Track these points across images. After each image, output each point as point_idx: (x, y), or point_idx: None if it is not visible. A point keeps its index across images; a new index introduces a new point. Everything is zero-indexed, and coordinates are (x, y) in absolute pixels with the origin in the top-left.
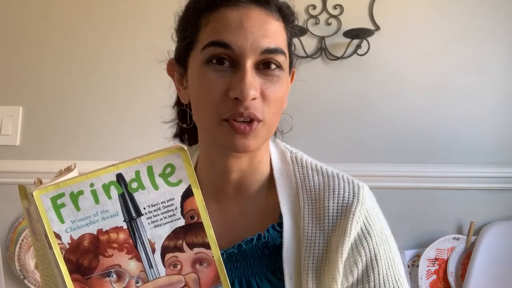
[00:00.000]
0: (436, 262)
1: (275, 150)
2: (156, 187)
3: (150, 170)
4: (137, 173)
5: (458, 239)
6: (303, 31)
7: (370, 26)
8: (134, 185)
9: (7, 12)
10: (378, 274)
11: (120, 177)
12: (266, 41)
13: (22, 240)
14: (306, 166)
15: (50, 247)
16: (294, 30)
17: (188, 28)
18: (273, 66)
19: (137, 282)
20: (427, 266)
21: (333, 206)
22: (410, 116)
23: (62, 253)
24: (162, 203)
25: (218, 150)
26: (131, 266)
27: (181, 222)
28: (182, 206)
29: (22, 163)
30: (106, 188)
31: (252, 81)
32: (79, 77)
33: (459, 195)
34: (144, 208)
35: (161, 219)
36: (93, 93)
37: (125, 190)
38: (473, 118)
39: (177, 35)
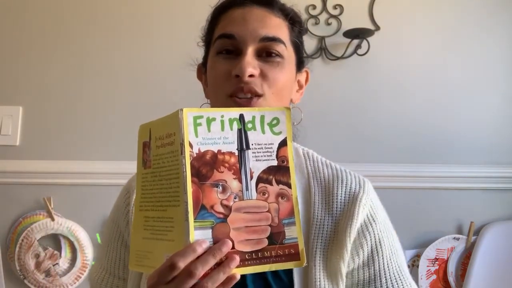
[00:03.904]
0: (436, 262)
1: None
2: (263, 131)
3: (262, 118)
4: (253, 117)
5: (458, 239)
6: None
7: (370, 26)
8: (249, 125)
9: (7, 12)
10: (383, 258)
11: (241, 117)
12: (265, 30)
13: (22, 240)
14: (317, 161)
15: (182, 153)
16: (299, 30)
17: (208, 32)
18: (273, 54)
19: (235, 198)
20: (427, 266)
21: (341, 194)
22: (410, 116)
23: (190, 158)
24: (264, 144)
25: None
26: (234, 184)
27: (274, 163)
28: (277, 151)
29: (22, 163)
30: (231, 121)
31: (250, 61)
32: (79, 77)
33: (459, 195)
34: (252, 145)
35: (261, 155)
36: (93, 93)
37: (242, 127)
38: (473, 118)
39: (203, 42)
